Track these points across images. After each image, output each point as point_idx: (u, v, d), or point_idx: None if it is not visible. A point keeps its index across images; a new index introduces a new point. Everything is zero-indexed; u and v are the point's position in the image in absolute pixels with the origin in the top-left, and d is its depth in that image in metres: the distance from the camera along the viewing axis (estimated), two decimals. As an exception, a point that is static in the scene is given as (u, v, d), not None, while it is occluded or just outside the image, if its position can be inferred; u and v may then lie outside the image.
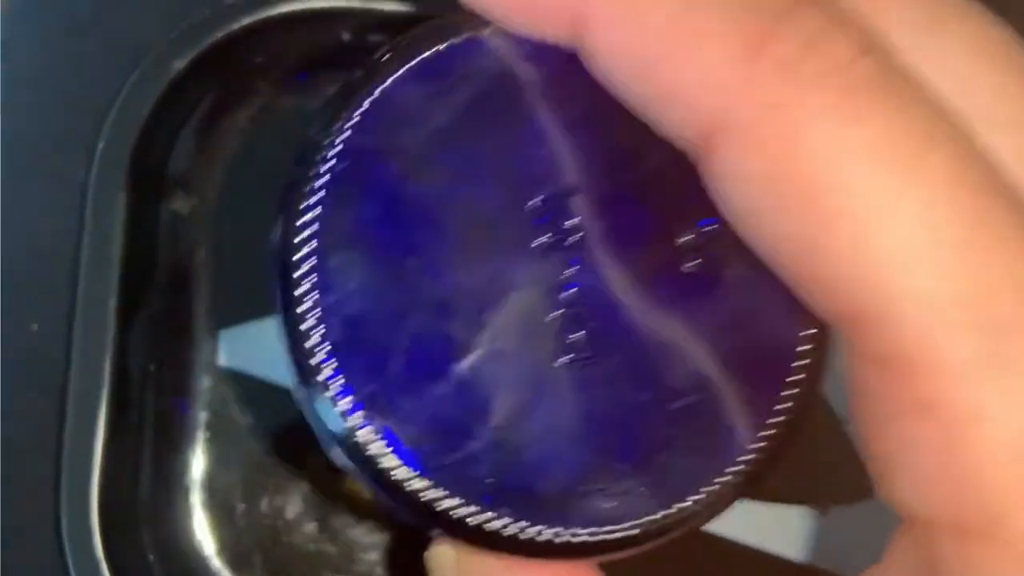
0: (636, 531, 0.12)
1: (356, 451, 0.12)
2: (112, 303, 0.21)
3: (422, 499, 0.12)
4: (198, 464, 0.22)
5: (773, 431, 0.13)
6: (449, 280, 0.12)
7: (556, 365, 0.12)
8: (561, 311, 0.12)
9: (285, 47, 0.23)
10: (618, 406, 0.12)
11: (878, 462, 0.12)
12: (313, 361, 0.12)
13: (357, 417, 0.12)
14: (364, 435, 0.12)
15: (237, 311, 0.23)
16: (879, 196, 0.11)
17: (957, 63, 0.12)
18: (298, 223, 0.12)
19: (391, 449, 0.12)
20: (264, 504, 0.22)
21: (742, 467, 0.13)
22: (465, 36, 0.13)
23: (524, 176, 0.12)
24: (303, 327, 0.12)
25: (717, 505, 0.13)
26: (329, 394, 0.12)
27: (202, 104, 0.23)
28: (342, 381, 0.12)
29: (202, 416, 0.22)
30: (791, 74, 0.11)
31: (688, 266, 0.13)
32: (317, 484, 0.22)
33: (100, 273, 0.21)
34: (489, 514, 0.12)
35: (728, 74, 0.11)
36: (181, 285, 0.23)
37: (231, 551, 0.22)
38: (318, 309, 0.12)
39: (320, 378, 0.12)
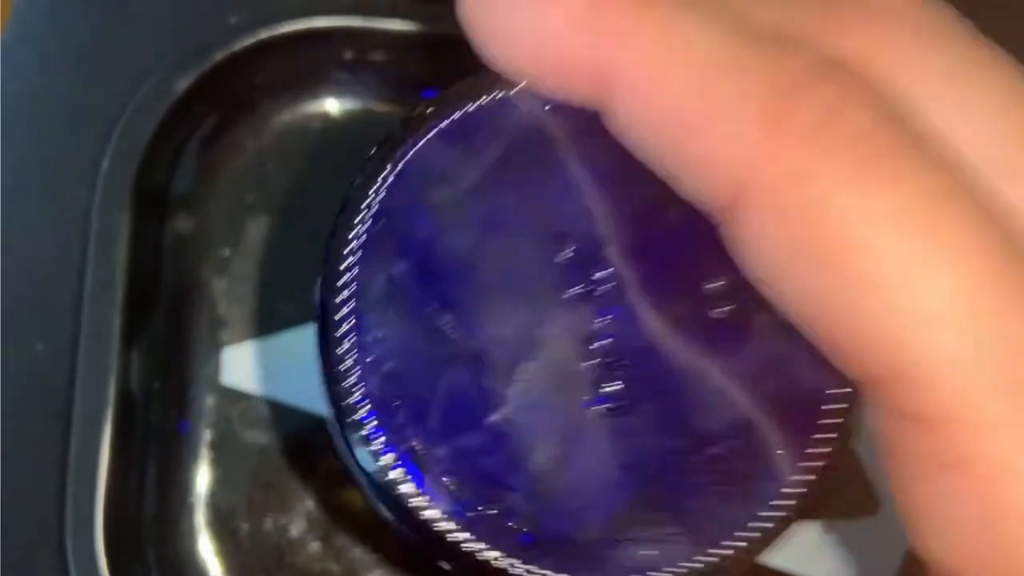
0: None
1: (386, 490, 0.13)
2: (116, 323, 0.21)
3: (451, 541, 0.13)
4: (202, 483, 0.22)
5: (809, 475, 0.13)
6: (483, 332, 0.13)
7: (590, 414, 0.13)
8: (594, 360, 0.13)
9: (287, 66, 0.23)
10: (653, 454, 0.13)
11: (910, 515, 0.12)
12: (348, 402, 0.13)
13: (389, 458, 0.13)
14: (396, 476, 0.13)
15: (241, 329, 0.23)
16: (905, 261, 0.11)
17: (979, 114, 0.12)
18: (338, 272, 0.13)
19: (422, 492, 0.12)
20: (268, 523, 0.22)
21: (779, 511, 0.13)
22: (497, 95, 0.13)
23: (555, 229, 0.13)
24: (340, 368, 0.13)
25: (754, 549, 0.13)
26: (363, 434, 0.13)
27: (205, 124, 0.23)
28: (375, 423, 0.13)
29: (206, 435, 0.22)
30: (812, 145, 0.11)
31: (719, 312, 0.13)
32: (326, 496, 0.22)
33: (104, 293, 0.21)
34: (521, 561, 0.12)
35: (749, 144, 0.11)
36: (185, 304, 0.23)
37: (236, 571, 0.22)
38: (355, 353, 0.13)
39: (355, 418, 0.13)
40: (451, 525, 0.12)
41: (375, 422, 0.12)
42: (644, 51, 0.12)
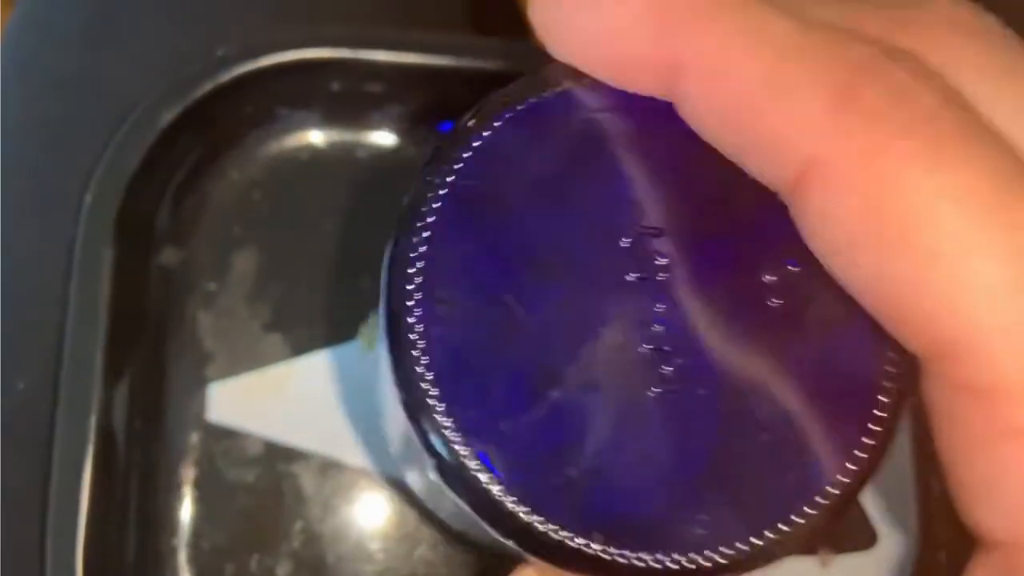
0: (724, 560, 0.13)
1: (455, 471, 0.13)
2: (98, 359, 0.20)
3: (518, 520, 0.13)
4: (185, 523, 0.22)
5: (859, 464, 0.13)
6: (545, 314, 0.13)
7: (647, 396, 0.13)
8: (651, 345, 0.13)
9: (274, 98, 0.23)
10: (707, 437, 0.13)
11: (964, 487, 0.13)
12: (417, 384, 0.13)
13: (457, 437, 0.13)
14: (464, 456, 0.13)
15: (226, 365, 0.23)
16: (972, 236, 0.11)
17: None
18: (410, 254, 0.13)
19: (490, 471, 0.13)
20: (254, 563, 0.22)
21: (830, 498, 0.13)
22: (560, 88, 0.14)
23: (615, 218, 0.13)
24: (410, 352, 0.13)
25: (805, 535, 0.13)
26: (431, 414, 0.13)
27: (190, 156, 0.23)
28: (444, 405, 0.13)
29: (190, 473, 0.22)
30: (881, 123, 0.12)
31: (773, 303, 0.13)
32: (313, 536, 0.22)
33: (86, 328, 0.21)
34: (585, 538, 0.13)
35: (821, 122, 0.12)
36: (169, 339, 0.23)
37: (220, 612, 0.22)
38: (424, 338, 0.13)
39: (425, 403, 0.13)
40: (522, 506, 0.13)
41: (445, 406, 0.13)
42: (717, 39, 0.12)
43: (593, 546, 0.13)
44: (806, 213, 0.12)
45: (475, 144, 0.14)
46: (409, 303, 0.13)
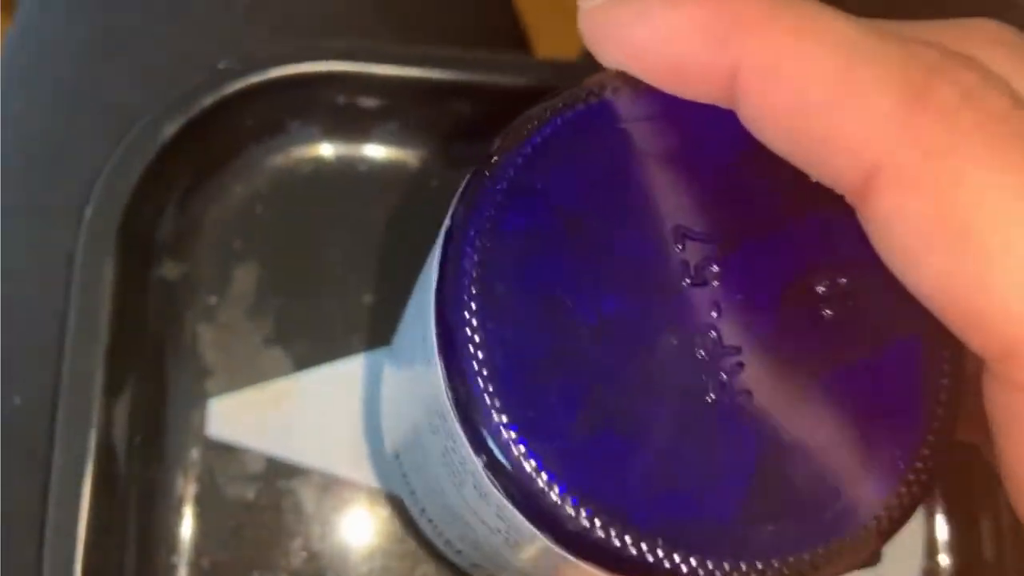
0: (777, 570, 0.13)
1: (505, 471, 0.13)
2: (98, 374, 0.20)
3: (575, 523, 0.13)
4: (185, 539, 0.22)
5: (918, 473, 0.13)
6: (599, 318, 0.13)
7: (703, 401, 0.13)
8: (706, 351, 0.13)
9: (276, 111, 0.23)
10: (763, 444, 0.13)
11: (1015, 476, 0.13)
12: (468, 383, 0.13)
13: (510, 438, 0.13)
14: (515, 456, 0.13)
15: (227, 380, 0.22)
16: None
17: None
18: (465, 254, 0.13)
19: (546, 472, 0.13)
20: (254, 581, 0.22)
21: (890, 507, 0.13)
22: (611, 95, 0.14)
23: (669, 225, 0.14)
24: (463, 351, 0.13)
25: (867, 543, 0.13)
26: (486, 413, 0.13)
27: (192, 169, 0.23)
28: (497, 404, 0.13)
29: (190, 489, 0.22)
30: (951, 123, 0.12)
31: (826, 314, 0.14)
32: (313, 553, 0.22)
33: (86, 343, 0.20)
34: (641, 543, 0.13)
35: (890, 122, 0.12)
36: (170, 354, 0.22)
37: (219, 631, 0.21)
38: (481, 338, 0.13)
39: (478, 398, 0.13)
40: (579, 509, 0.13)
41: (500, 405, 0.13)
42: (779, 40, 0.12)
43: (647, 550, 0.13)
44: (875, 214, 0.12)
45: (529, 148, 0.14)
46: (464, 304, 0.13)
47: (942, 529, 0.23)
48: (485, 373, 0.13)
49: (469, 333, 0.13)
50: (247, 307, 0.23)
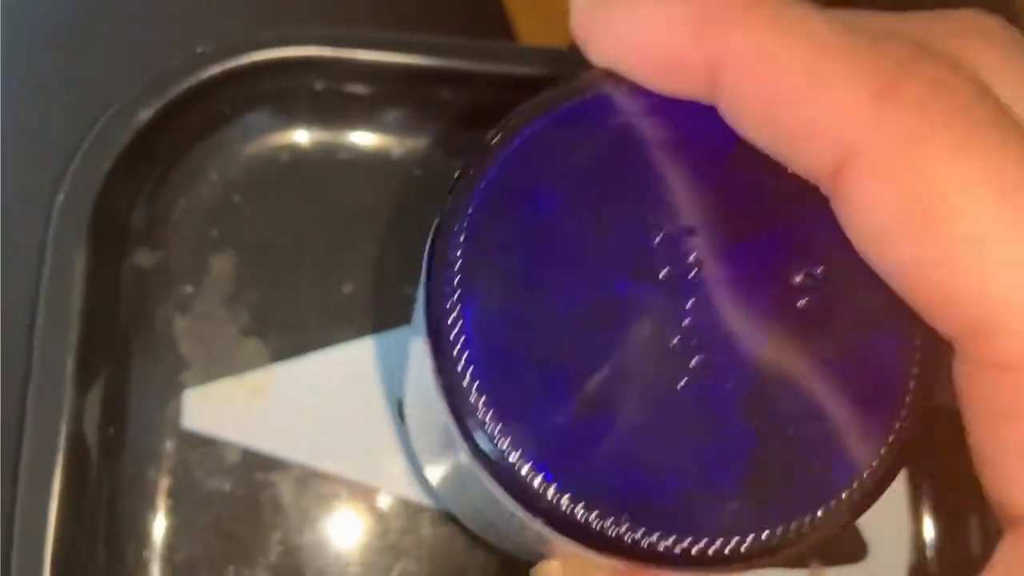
0: (749, 547, 0.14)
1: (490, 456, 0.14)
2: (69, 364, 0.20)
3: (553, 504, 0.13)
4: (159, 534, 0.21)
5: (885, 457, 0.14)
6: (579, 306, 0.14)
7: (675, 388, 0.14)
8: (680, 339, 0.14)
9: (255, 97, 0.23)
10: (734, 428, 0.14)
11: (990, 465, 0.13)
12: (455, 368, 0.14)
13: (494, 422, 0.13)
14: (499, 440, 0.13)
15: (203, 371, 0.22)
16: (1002, 219, 0.12)
17: None
18: (450, 243, 0.14)
19: (525, 455, 0.13)
20: (230, 576, 0.21)
21: (857, 489, 0.14)
22: (596, 91, 0.14)
23: (648, 217, 0.14)
24: (449, 337, 0.14)
25: (832, 525, 0.14)
26: (468, 399, 0.14)
27: (167, 156, 0.22)
28: (481, 390, 0.13)
29: (164, 482, 0.21)
30: (921, 112, 0.12)
31: (801, 304, 0.14)
32: (291, 547, 0.21)
33: (57, 332, 0.20)
34: (619, 522, 0.13)
35: (862, 110, 0.12)
36: (143, 344, 0.22)
37: (194, 627, 0.21)
38: (463, 324, 0.14)
39: (459, 383, 0.14)
40: (558, 489, 0.13)
41: (482, 390, 0.13)
42: (757, 34, 0.13)
43: (624, 529, 0.13)
44: (847, 200, 0.13)
45: (516, 142, 0.14)
46: (449, 290, 0.14)
47: (929, 524, 0.23)
48: (466, 356, 0.13)
49: (453, 318, 0.14)
50: (224, 297, 0.22)
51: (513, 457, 0.13)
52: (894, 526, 0.23)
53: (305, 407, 0.22)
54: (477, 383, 0.13)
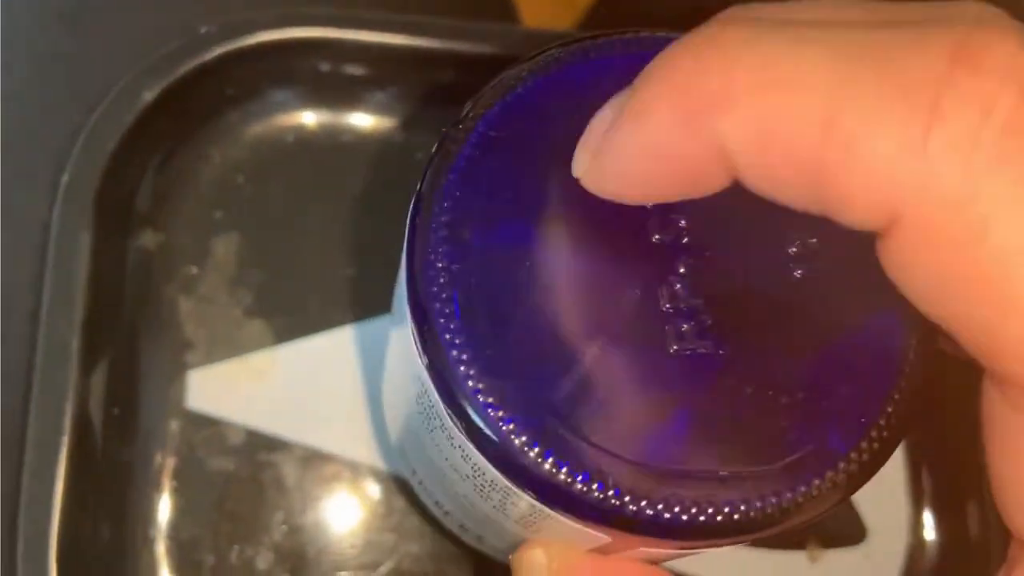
0: (738, 516, 0.13)
1: (500, 447, 0.13)
2: (74, 345, 0.20)
3: (538, 469, 0.13)
4: (164, 513, 0.21)
5: (879, 432, 0.14)
6: (568, 271, 0.14)
7: (666, 353, 0.13)
8: (671, 304, 0.14)
9: (259, 78, 0.23)
10: (728, 396, 0.14)
11: (1005, 489, 0.13)
12: (440, 338, 0.13)
13: (480, 389, 0.13)
14: (486, 405, 0.13)
15: (207, 351, 0.22)
16: None
17: None
18: (434, 206, 0.14)
19: (512, 420, 0.13)
20: (234, 555, 0.21)
21: (849, 465, 0.14)
22: (586, 56, 0.14)
23: None
24: (434, 306, 0.13)
25: (826, 500, 0.14)
26: (453, 367, 0.13)
27: (171, 137, 0.22)
28: (467, 358, 0.13)
29: (169, 462, 0.21)
30: (967, 161, 0.11)
31: (796, 273, 0.14)
32: (295, 527, 0.21)
33: (62, 313, 0.20)
34: (602, 488, 0.13)
35: (899, 167, 0.11)
36: (148, 324, 0.22)
37: (198, 606, 0.21)
38: (448, 292, 0.13)
39: (462, 383, 0.13)
40: (543, 455, 0.13)
41: (468, 358, 0.13)
42: (749, 107, 0.11)
43: (616, 497, 0.13)
44: (896, 257, 0.12)
45: (498, 110, 0.14)
46: (433, 256, 0.13)
47: (927, 508, 0.23)
48: (448, 314, 0.13)
49: (437, 288, 0.13)
50: (227, 278, 0.22)
51: (496, 418, 0.13)
52: (892, 509, 0.23)
53: (308, 388, 0.22)
54: (465, 357, 0.13)
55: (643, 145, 0.12)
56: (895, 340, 0.14)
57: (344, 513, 0.22)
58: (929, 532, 0.23)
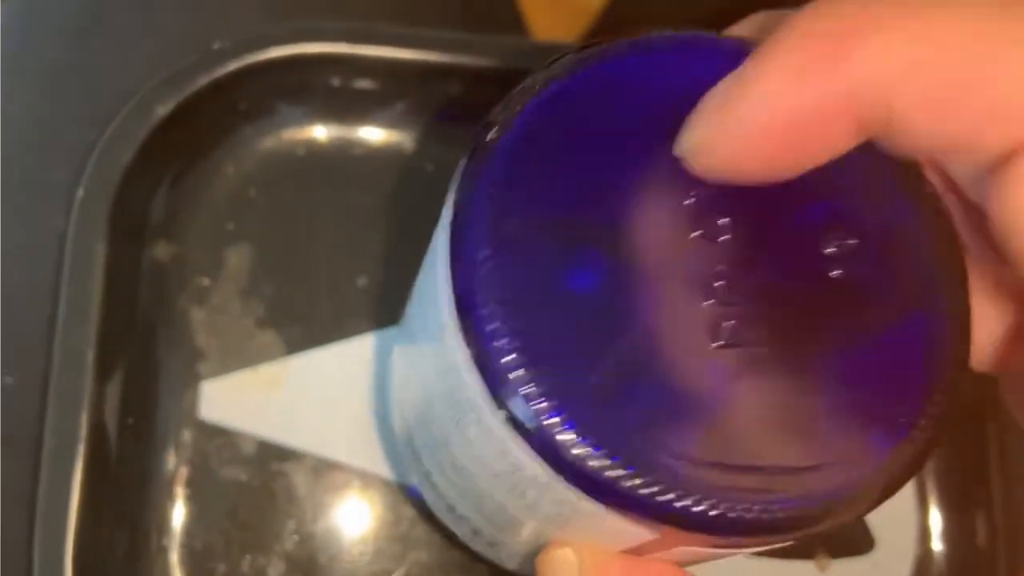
0: (790, 514, 0.13)
1: (541, 436, 0.13)
2: (89, 355, 0.20)
3: (586, 464, 0.13)
4: (177, 522, 0.22)
5: (918, 433, 0.13)
6: (609, 266, 0.14)
7: (708, 349, 0.13)
8: (713, 301, 0.14)
9: (271, 93, 0.23)
10: (774, 393, 0.13)
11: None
12: (485, 334, 0.13)
13: (523, 381, 0.13)
14: (549, 420, 0.13)
15: (220, 362, 0.22)
16: None
17: None
18: (477, 198, 0.14)
19: (561, 416, 0.13)
20: (246, 564, 0.21)
21: (889, 466, 0.13)
22: (629, 54, 0.14)
23: (679, 178, 0.13)
24: (478, 303, 0.13)
25: (864, 500, 0.13)
26: (502, 368, 0.13)
27: (185, 151, 0.23)
28: (520, 362, 0.13)
29: (182, 471, 0.22)
30: None
31: (835, 272, 0.14)
32: (306, 536, 0.22)
33: (77, 324, 0.20)
34: (659, 483, 0.13)
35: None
36: (162, 335, 0.22)
37: (211, 613, 0.21)
38: (494, 288, 0.13)
39: (490, 348, 0.13)
40: (604, 463, 0.13)
41: (529, 376, 0.13)
42: (899, 39, 0.11)
43: (658, 492, 0.13)
44: (1001, 195, 0.12)
45: (542, 97, 0.14)
46: (476, 249, 0.13)
47: (935, 518, 0.23)
48: (493, 308, 0.13)
49: (476, 269, 0.13)
50: (240, 289, 0.23)
51: (544, 412, 0.13)
52: (900, 519, 0.23)
53: (319, 399, 0.22)
54: (511, 349, 0.13)
55: (766, 104, 0.12)
56: (933, 343, 0.14)
57: (354, 522, 0.22)
58: (937, 542, 0.23)
